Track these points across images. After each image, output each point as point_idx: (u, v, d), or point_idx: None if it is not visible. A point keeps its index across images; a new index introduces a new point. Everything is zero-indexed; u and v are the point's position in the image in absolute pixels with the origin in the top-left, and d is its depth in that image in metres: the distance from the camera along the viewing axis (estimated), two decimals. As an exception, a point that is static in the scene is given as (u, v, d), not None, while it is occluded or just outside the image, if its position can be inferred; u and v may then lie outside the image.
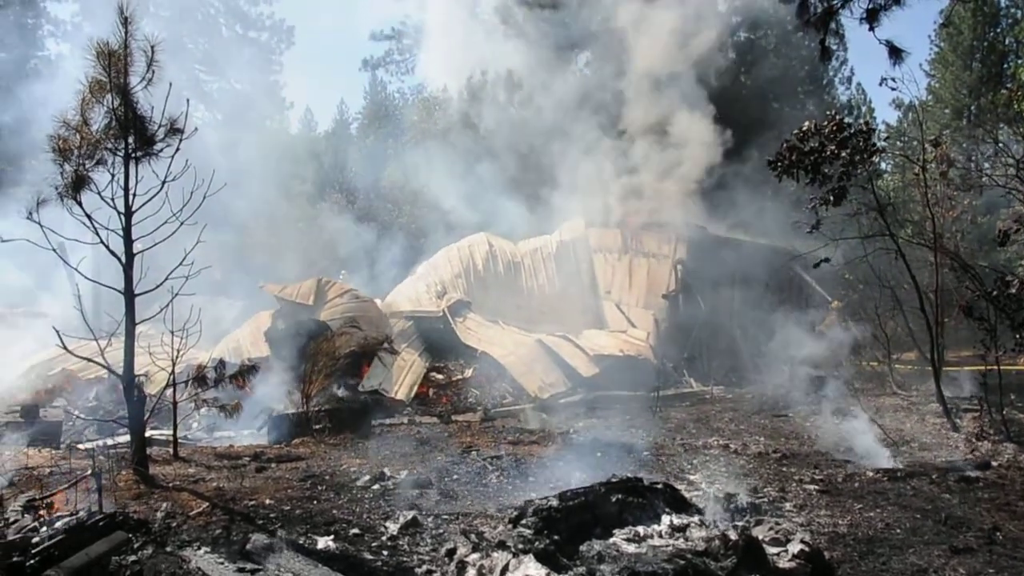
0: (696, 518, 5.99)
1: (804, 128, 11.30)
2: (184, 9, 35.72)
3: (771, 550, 5.66)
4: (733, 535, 5.37)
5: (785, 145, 11.34)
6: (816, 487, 7.85)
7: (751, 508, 6.88)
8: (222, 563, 4.90)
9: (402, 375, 16.49)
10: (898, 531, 6.36)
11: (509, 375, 16.59)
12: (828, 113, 11.99)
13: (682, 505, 6.25)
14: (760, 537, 5.79)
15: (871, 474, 8.38)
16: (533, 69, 26.18)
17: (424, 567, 5.52)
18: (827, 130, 11.12)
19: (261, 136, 31.53)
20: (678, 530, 5.76)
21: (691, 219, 20.13)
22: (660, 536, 5.67)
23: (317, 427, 11.88)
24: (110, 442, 10.70)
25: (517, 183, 25.34)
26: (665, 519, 5.90)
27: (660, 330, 19.24)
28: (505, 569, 5.08)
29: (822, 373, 14.20)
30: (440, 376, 17.33)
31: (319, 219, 28.59)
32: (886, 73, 10.70)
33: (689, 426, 12.00)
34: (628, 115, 23.55)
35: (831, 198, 11.22)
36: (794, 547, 5.69)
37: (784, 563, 5.53)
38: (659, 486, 6.23)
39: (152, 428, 11.21)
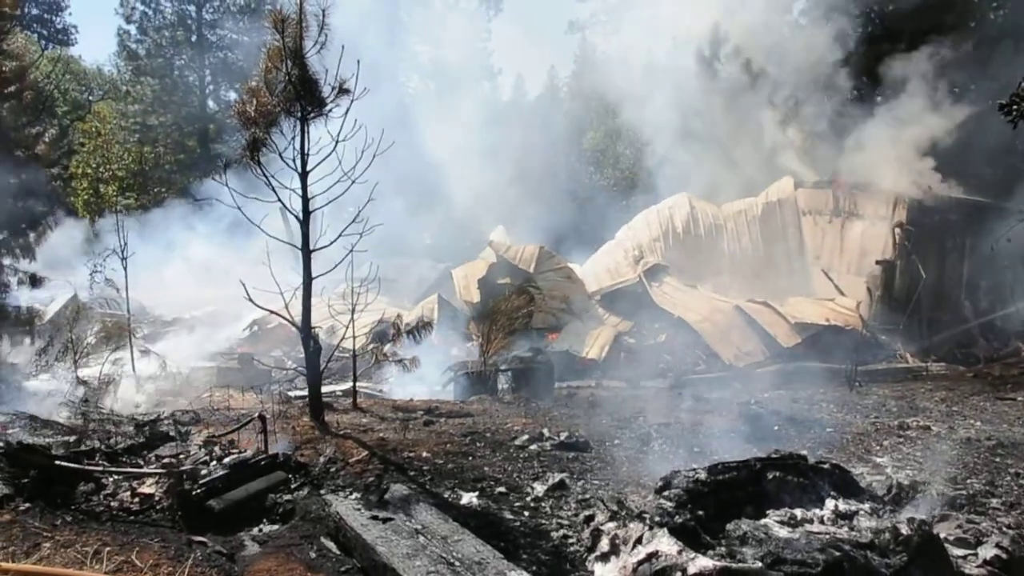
0: (867, 505, 5.32)
1: (1051, 63, 9.61)
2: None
3: (956, 551, 4.92)
4: (906, 529, 4.70)
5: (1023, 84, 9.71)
6: (1036, 483, 6.76)
7: (945, 501, 6.04)
8: (359, 510, 5.05)
9: (594, 337, 16.50)
10: None
11: (703, 342, 16.00)
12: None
13: (853, 489, 5.56)
14: (943, 535, 5.04)
15: (1113, 475, 7.05)
16: (738, 24, 24.61)
17: (560, 531, 5.40)
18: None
19: (472, 104, 32.35)
20: (843, 517, 5.14)
21: (914, 178, 18.01)
22: (820, 522, 5.09)
23: (501, 386, 12.14)
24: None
25: (720, 144, 24.15)
26: (829, 503, 5.28)
27: (873, 299, 17.59)
28: (638, 541, 4.83)
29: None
30: (632, 340, 17.09)
31: (527, 184, 28.96)
32: None
33: (889, 403, 10.82)
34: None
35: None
36: (987, 551, 4.90)
37: (971, 569, 4.79)
38: (826, 466, 5.60)
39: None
